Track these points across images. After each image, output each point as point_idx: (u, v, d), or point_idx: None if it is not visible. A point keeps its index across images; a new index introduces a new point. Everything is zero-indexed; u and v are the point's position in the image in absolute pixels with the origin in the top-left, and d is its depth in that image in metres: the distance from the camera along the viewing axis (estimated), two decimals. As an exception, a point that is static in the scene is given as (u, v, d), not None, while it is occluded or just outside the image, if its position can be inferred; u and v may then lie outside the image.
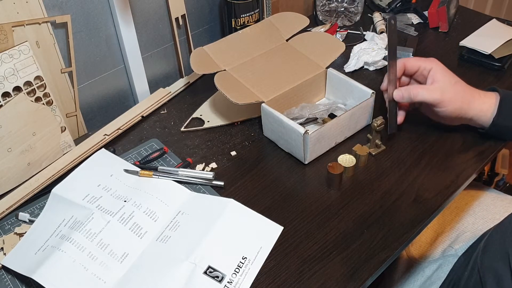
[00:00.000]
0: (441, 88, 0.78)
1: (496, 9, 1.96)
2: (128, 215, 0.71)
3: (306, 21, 0.98)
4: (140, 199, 0.74)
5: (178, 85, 0.99)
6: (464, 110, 0.78)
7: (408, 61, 0.81)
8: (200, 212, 0.73)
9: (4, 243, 0.70)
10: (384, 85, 0.83)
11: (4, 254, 0.69)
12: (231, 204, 0.73)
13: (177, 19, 0.98)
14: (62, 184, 0.74)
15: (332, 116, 0.86)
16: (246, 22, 0.99)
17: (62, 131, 0.83)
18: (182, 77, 1.04)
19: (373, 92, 0.83)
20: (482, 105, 0.78)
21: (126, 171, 0.78)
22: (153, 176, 0.78)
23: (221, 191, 0.77)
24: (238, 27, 0.99)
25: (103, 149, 0.81)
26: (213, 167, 0.82)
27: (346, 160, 0.78)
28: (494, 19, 1.12)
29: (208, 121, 0.90)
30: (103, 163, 0.79)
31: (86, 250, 0.66)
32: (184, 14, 0.99)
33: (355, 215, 0.73)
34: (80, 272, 0.64)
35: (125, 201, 0.73)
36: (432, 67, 0.79)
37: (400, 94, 0.80)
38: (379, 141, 0.81)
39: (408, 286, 0.93)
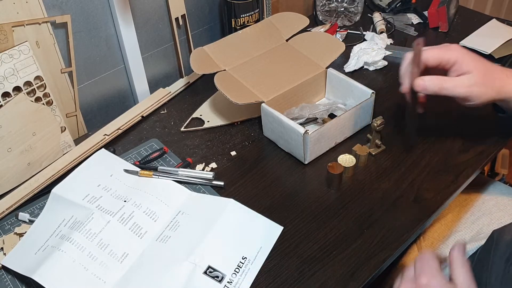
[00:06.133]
0: (471, 80, 0.70)
1: (496, 9, 1.96)
2: (128, 215, 0.71)
3: (306, 21, 0.98)
4: (140, 199, 0.74)
5: (178, 85, 0.99)
6: (494, 98, 0.72)
7: (428, 55, 0.72)
8: (200, 212, 0.73)
9: (4, 243, 0.70)
10: (405, 86, 0.74)
11: (4, 254, 0.69)
12: (231, 204, 0.73)
13: (177, 19, 0.98)
14: (62, 184, 0.74)
15: (332, 116, 0.86)
16: (246, 22, 0.99)
17: (62, 131, 0.83)
18: (182, 77, 1.04)
19: (373, 92, 0.83)
20: None
21: (126, 171, 0.78)
22: (153, 176, 0.78)
23: (221, 191, 0.77)
24: (238, 27, 0.99)
25: (103, 149, 0.81)
26: (213, 167, 0.82)
27: (346, 160, 0.78)
28: (494, 19, 1.12)
29: (208, 121, 0.90)
30: (103, 163, 0.79)
31: (86, 250, 0.66)
32: (184, 14, 0.99)
33: (355, 215, 0.73)
34: (80, 272, 0.64)
35: (125, 201, 0.73)
36: (456, 58, 0.71)
37: (422, 84, 0.71)
38: (379, 141, 0.81)
39: None
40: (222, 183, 0.77)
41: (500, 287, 0.59)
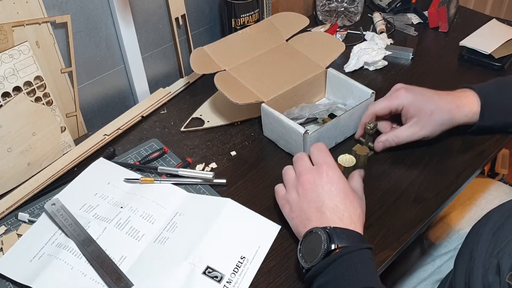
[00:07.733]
0: (419, 124, 0.76)
1: (496, 9, 1.96)
2: (125, 220, 0.71)
3: (306, 21, 0.98)
4: (136, 204, 0.73)
5: (178, 85, 0.99)
6: (448, 128, 0.78)
7: (376, 109, 0.79)
8: (197, 212, 0.73)
9: (3, 244, 0.70)
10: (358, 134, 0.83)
11: (4, 254, 0.69)
12: (229, 204, 0.73)
13: (177, 19, 0.98)
14: (59, 196, 0.74)
15: (332, 116, 0.86)
16: (246, 22, 0.99)
17: (62, 131, 0.83)
18: (182, 77, 1.04)
19: (373, 92, 0.83)
20: (465, 118, 0.77)
21: (127, 180, 0.77)
22: (155, 181, 0.77)
23: (221, 191, 0.77)
24: (238, 27, 0.99)
25: (101, 158, 0.81)
26: (213, 167, 0.81)
27: (346, 160, 0.78)
28: (494, 19, 1.12)
29: (208, 121, 0.90)
30: (101, 172, 0.78)
31: (83, 258, 0.66)
32: (184, 14, 0.99)
33: (355, 215, 0.73)
34: (78, 278, 0.64)
35: (121, 207, 0.73)
36: (403, 105, 0.77)
37: (381, 145, 0.80)
38: (372, 144, 0.81)
39: (419, 274, 0.94)
40: (224, 181, 0.77)
41: (485, 255, 0.65)
